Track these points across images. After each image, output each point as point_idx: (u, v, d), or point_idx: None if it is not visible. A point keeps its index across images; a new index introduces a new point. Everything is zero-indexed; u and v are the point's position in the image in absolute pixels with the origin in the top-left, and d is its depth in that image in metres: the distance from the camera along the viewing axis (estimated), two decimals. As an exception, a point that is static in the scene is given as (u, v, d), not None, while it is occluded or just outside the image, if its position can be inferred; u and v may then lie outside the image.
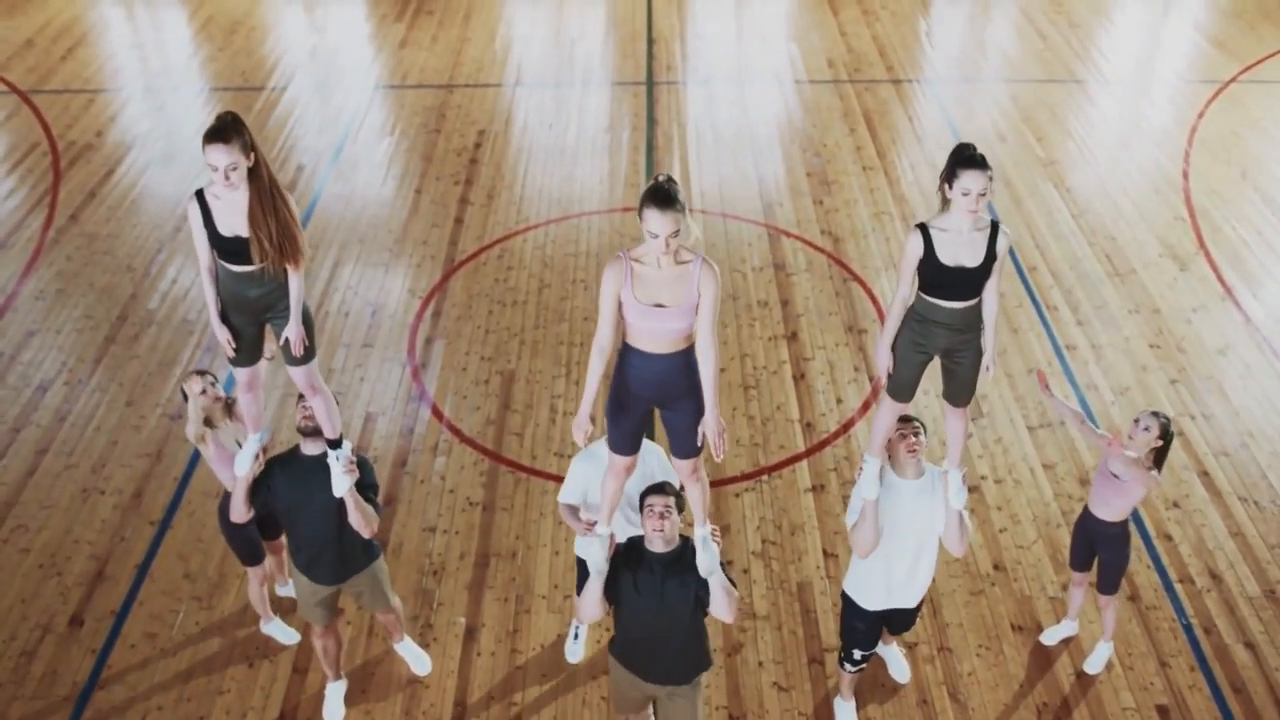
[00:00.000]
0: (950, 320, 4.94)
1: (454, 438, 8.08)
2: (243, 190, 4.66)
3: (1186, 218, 10.59)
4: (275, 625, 6.56)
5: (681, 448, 4.85)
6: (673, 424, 4.80)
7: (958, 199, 4.71)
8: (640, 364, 4.62)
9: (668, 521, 4.80)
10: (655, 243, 4.37)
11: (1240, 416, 8.24)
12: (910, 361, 5.11)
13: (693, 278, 4.47)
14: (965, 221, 4.77)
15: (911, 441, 5.32)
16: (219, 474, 5.99)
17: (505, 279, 9.74)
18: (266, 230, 4.68)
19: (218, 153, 4.52)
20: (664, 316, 4.48)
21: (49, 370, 8.72)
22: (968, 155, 4.68)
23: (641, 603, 4.92)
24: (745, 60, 13.97)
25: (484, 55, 14.08)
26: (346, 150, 11.85)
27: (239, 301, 4.96)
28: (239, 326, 5.04)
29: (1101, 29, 14.87)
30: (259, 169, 4.66)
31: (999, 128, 12.23)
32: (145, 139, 12.06)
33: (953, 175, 4.70)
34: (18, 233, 10.46)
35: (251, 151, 4.62)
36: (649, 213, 4.33)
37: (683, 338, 4.57)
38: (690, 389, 4.68)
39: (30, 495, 7.60)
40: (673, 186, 4.36)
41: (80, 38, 14.51)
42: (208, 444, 5.87)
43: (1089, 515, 6.13)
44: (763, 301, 9.44)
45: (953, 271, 4.80)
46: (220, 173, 4.56)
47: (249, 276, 4.86)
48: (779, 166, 11.49)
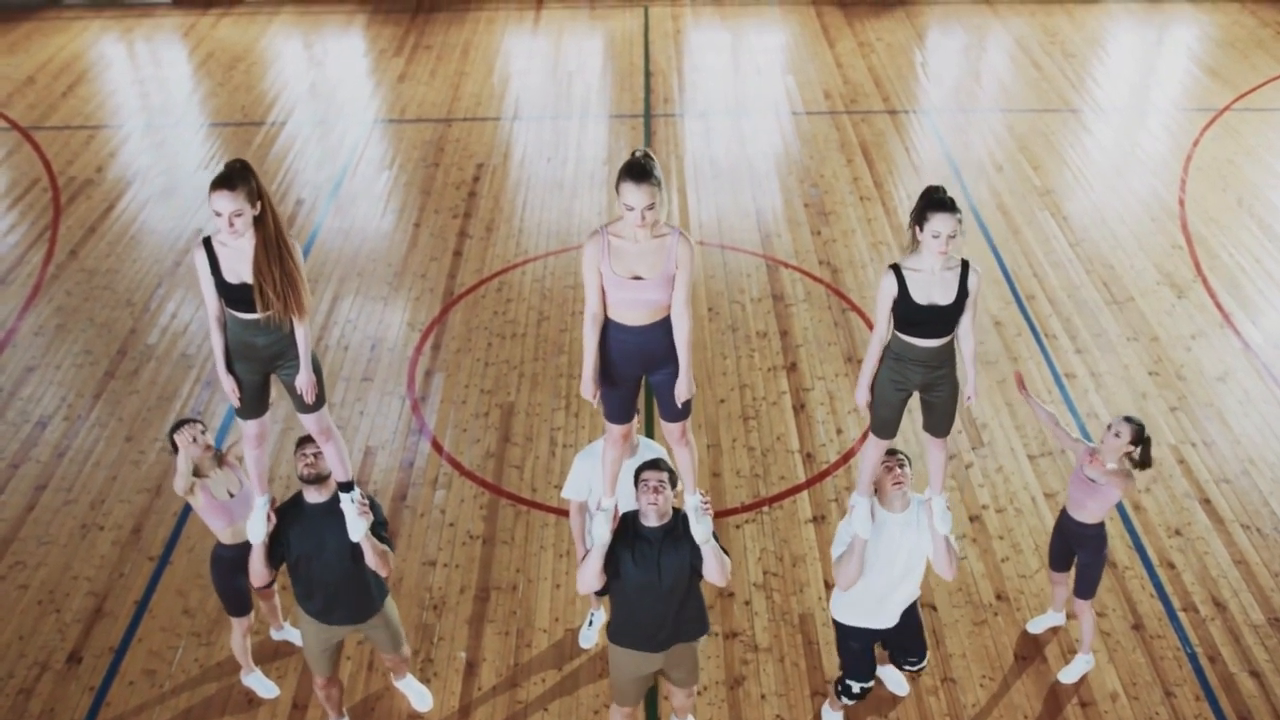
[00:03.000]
0: (926, 358, 5.06)
1: (454, 471, 8.06)
2: (249, 238, 4.69)
3: (1184, 245, 10.62)
4: (255, 678, 6.48)
5: (669, 411, 5.07)
6: (660, 389, 5.01)
7: (928, 241, 4.84)
8: (622, 336, 4.83)
9: (662, 495, 5.01)
10: (632, 215, 4.56)
11: (1241, 443, 8.23)
12: (890, 400, 5.22)
13: (670, 250, 4.67)
14: (936, 262, 4.89)
15: (897, 474, 5.40)
16: (210, 523, 5.93)
17: (504, 311, 9.76)
18: (271, 279, 4.71)
19: (223, 199, 4.56)
20: (641, 288, 4.68)
21: (48, 406, 8.71)
22: (937, 199, 4.81)
23: (640, 576, 5.10)
24: (742, 92, 14.05)
25: (482, 89, 14.16)
26: (345, 184, 11.89)
27: (247, 350, 4.97)
28: (245, 376, 5.06)
29: (1095, 58, 14.97)
30: (266, 218, 4.69)
31: (995, 157, 12.29)
32: (145, 174, 12.11)
33: (922, 218, 4.83)
34: (18, 268, 10.48)
35: (259, 200, 4.65)
36: (625, 186, 4.52)
37: (661, 308, 4.77)
38: (673, 354, 4.89)
39: (29, 531, 7.57)
40: (649, 161, 4.54)
41: (81, 75, 14.60)
42: (197, 495, 5.81)
43: (1066, 517, 6.26)
44: (762, 332, 9.45)
45: (926, 310, 4.92)
46: (225, 219, 4.59)
47: (257, 324, 4.88)
48: (777, 198, 11.54)
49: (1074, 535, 6.21)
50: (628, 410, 5.11)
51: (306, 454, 5.37)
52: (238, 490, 5.92)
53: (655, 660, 5.42)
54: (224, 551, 6.02)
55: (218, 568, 6.07)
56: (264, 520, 5.34)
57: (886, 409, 5.24)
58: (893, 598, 5.60)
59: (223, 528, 5.92)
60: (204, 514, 5.90)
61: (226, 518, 5.89)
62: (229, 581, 6.07)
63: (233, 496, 5.90)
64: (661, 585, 5.12)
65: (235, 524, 5.91)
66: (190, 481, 5.74)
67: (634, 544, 5.11)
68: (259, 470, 5.36)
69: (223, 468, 5.94)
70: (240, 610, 6.17)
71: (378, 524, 5.53)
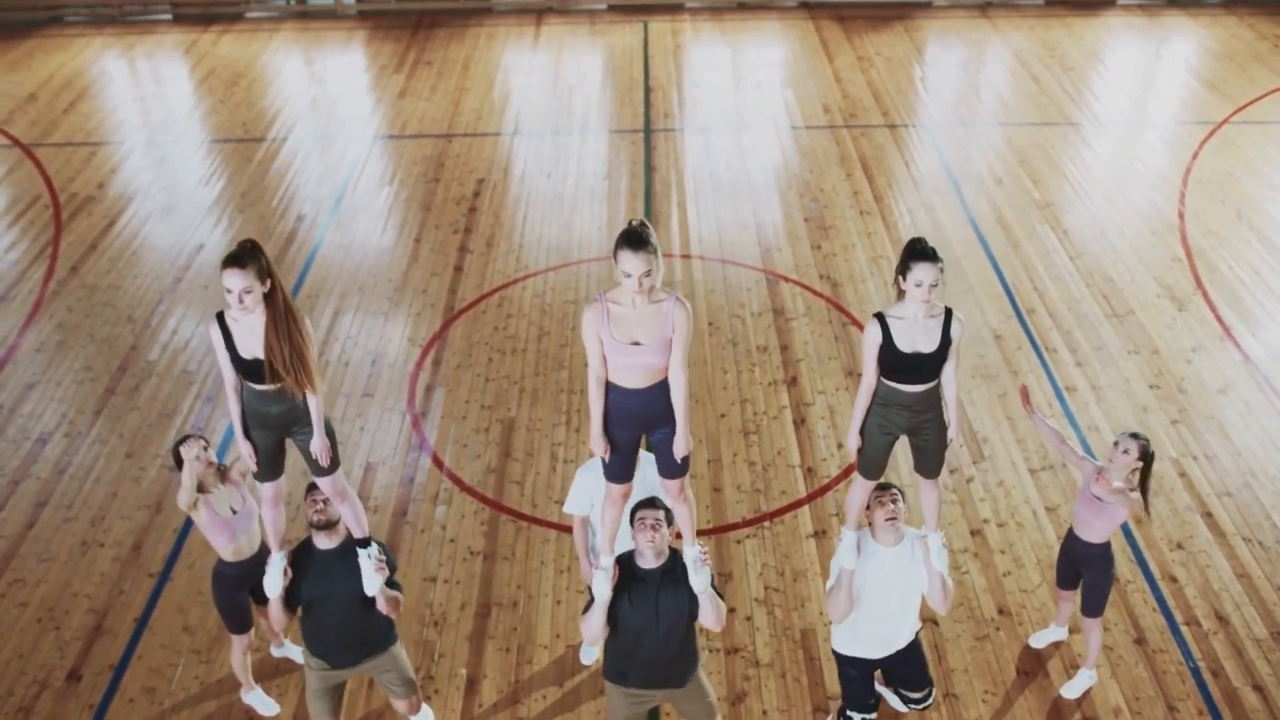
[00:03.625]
0: (911, 403, 5.19)
1: (454, 486, 8.06)
2: (259, 314, 4.84)
3: (1183, 258, 10.63)
4: (256, 695, 6.46)
5: (668, 468, 5.13)
6: (659, 446, 5.07)
7: (911, 290, 4.97)
8: (622, 399, 4.91)
9: (659, 534, 5.02)
10: (629, 282, 4.65)
11: (1242, 456, 8.22)
12: (877, 443, 5.36)
13: (667, 315, 4.77)
14: (920, 310, 5.02)
15: (890, 509, 5.38)
16: (212, 539, 5.93)
17: (505, 327, 9.76)
18: (280, 355, 4.86)
19: (234, 277, 4.72)
20: (640, 353, 4.77)
21: (49, 422, 8.71)
22: (919, 250, 4.96)
23: (638, 618, 5.11)
24: (742, 107, 14.08)
25: (482, 104, 14.20)
26: (346, 200, 11.92)
27: (262, 418, 5.12)
28: (261, 442, 5.20)
29: (1094, 72, 15.00)
30: (275, 295, 4.84)
31: (995, 171, 12.31)
32: (147, 191, 12.14)
33: (906, 268, 4.97)
34: (19, 285, 10.50)
35: (268, 278, 4.79)
36: (623, 254, 4.62)
37: (659, 371, 4.86)
38: (672, 414, 4.97)
39: (29, 549, 7.57)
40: (645, 230, 4.64)
41: (82, 92, 14.64)
42: (199, 510, 5.81)
43: (1072, 537, 6.25)
44: (762, 347, 9.46)
45: (910, 358, 5.04)
46: (235, 295, 4.75)
47: (270, 395, 5.03)
48: (777, 212, 11.55)
49: (1080, 556, 6.18)
50: (628, 470, 5.17)
51: (317, 500, 5.42)
52: (240, 506, 5.92)
53: (650, 698, 5.41)
54: (225, 568, 6.01)
55: (219, 584, 6.06)
56: (280, 575, 5.38)
57: (873, 451, 5.39)
58: (887, 629, 5.59)
59: (224, 544, 5.91)
60: (206, 530, 5.90)
61: (228, 534, 5.88)
62: (230, 598, 6.05)
63: (235, 513, 5.90)
64: (659, 628, 5.08)
65: (237, 540, 5.91)
66: (194, 496, 5.74)
67: (631, 585, 5.08)
68: (275, 529, 5.47)
69: (225, 484, 5.94)
70: (241, 627, 6.16)
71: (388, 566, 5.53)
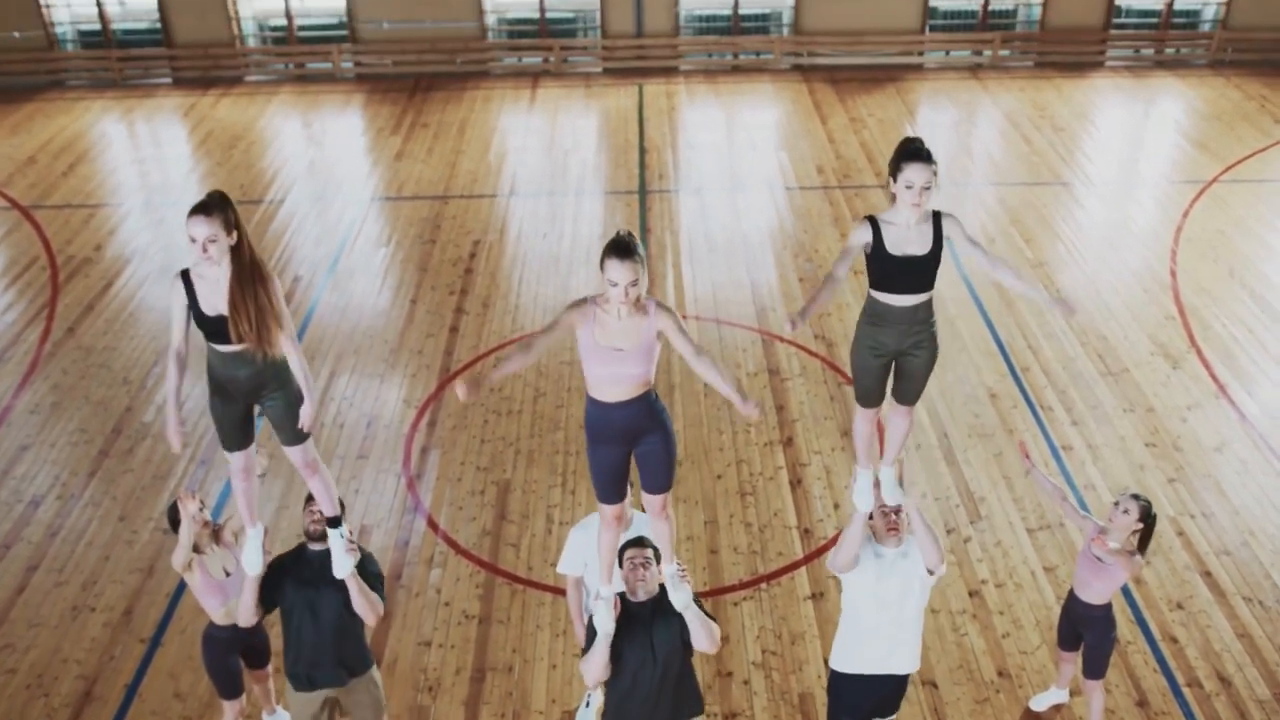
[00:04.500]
0: (902, 318, 4.97)
1: (449, 549, 8.00)
2: (224, 268, 4.70)
3: (1177, 316, 10.68)
4: None
5: (651, 482, 5.02)
6: (643, 459, 4.96)
7: (902, 192, 4.77)
8: (603, 413, 4.82)
9: (648, 572, 5.08)
10: (615, 291, 4.61)
11: (1240, 515, 8.19)
12: (869, 367, 5.14)
13: (649, 320, 4.70)
14: (911, 215, 4.82)
15: (893, 520, 5.44)
16: (203, 602, 5.88)
17: (500, 388, 9.76)
18: (245, 311, 4.70)
19: (198, 225, 4.59)
20: (622, 360, 4.69)
21: (42, 485, 8.67)
22: (912, 149, 4.74)
23: (634, 656, 5.09)
24: (736, 168, 14.21)
25: (478, 166, 14.32)
26: (343, 261, 11.97)
27: (229, 383, 4.90)
28: (226, 410, 4.98)
29: (1084, 133, 15.17)
30: (242, 248, 4.70)
31: (988, 230, 12.39)
32: (144, 252, 12.19)
33: (897, 169, 4.77)
34: (14, 346, 10.50)
35: (234, 230, 4.66)
36: (610, 263, 4.58)
37: (640, 383, 4.77)
38: (656, 425, 4.87)
39: (19, 614, 7.49)
40: (632, 240, 4.62)
41: (82, 154, 14.76)
42: (194, 571, 5.77)
43: (1073, 597, 6.19)
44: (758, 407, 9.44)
45: (901, 261, 4.84)
46: (199, 245, 4.60)
47: (238, 357, 4.83)
48: (771, 272, 11.61)
49: (1081, 617, 6.12)
50: (619, 489, 5.06)
51: (314, 511, 5.40)
52: (233, 568, 5.88)
53: None
54: (216, 632, 5.96)
55: (209, 648, 6.01)
56: (259, 551, 5.28)
57: (868, 377, 5.17)
58: (885, 638, 5.52)
59: (216, 606, 5.87)
60: (198, 592, 5.85)
61: (220, 596, 5.84)
62: (220, 662, 5.99)
63: (228, 575, 5.86)
64: (655, 662, 5.09)
65: (229, 603, 5.86)
66: (190, 556, 5.71)
67: (623, 622, 5.09)
68: (248, 502, 5.30)
69: (220, 545, 5.91)
70: (232, 693, 6.09)
71: (371, 574, 5.51)
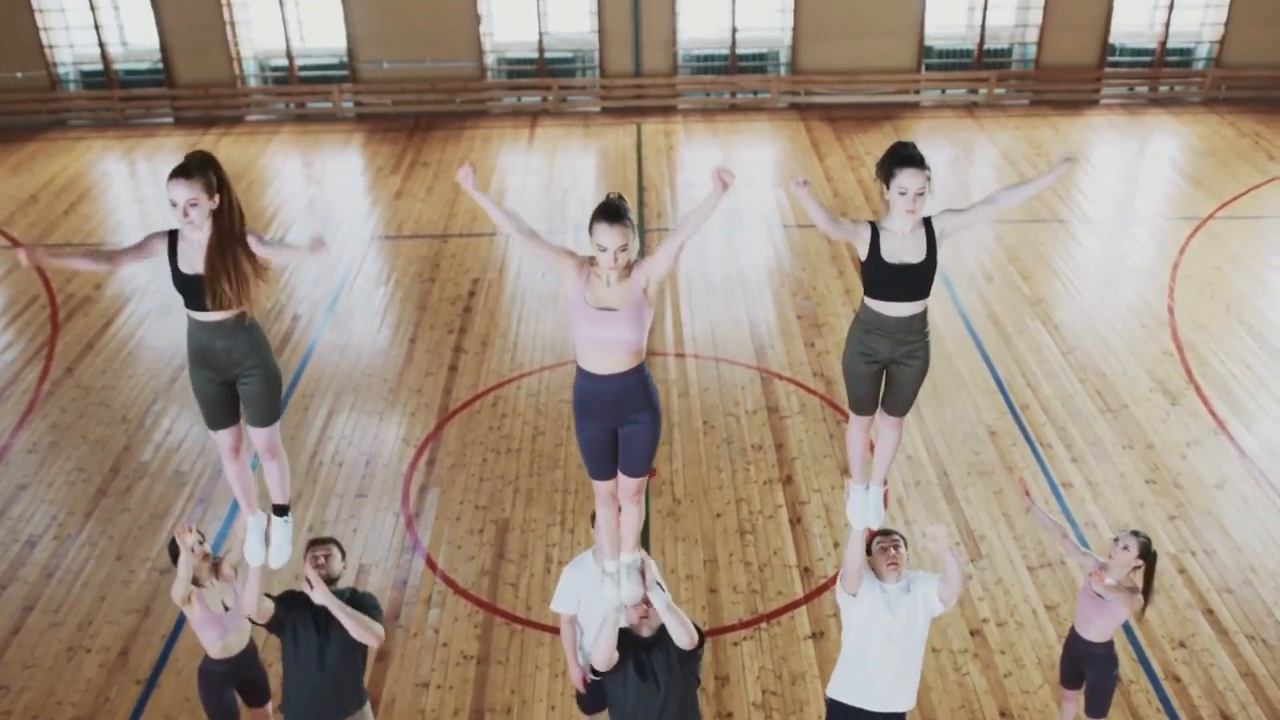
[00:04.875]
0: (896, 328, 4.90)
1: (448, 589, 7.97)
2: (205, 230, 4.65)
3: (1175, 352, 10.69)
4: None
5: (631, 465, 4.94)
6: (626, 439, 4.86)
7: (895, 198, 4.72)
8: (592, 385, 4.73)
9: (652, 609, 5.15)
10: (604, 257, 4.55)
11: (1242, 551, 8.16)
12: (861, 374, 5.08)
13: (635, 276, 4.62)
14: (905, 222, 4.77)
15: (892, 555, 5.44)
16: (201, 635, 5.86)
17: (499, 426, 9.75)
18: (222, 272, 4.64)
19: (178, 188, 4.55)
20: (613, 322, 4.59)
21: (38, 524, 8.64)
22: (905, 154, 4.69)
23: (634, 685, 5.13)
24: (734, 206, 14.27)
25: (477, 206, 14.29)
26: (342, 300, 11.99)
27: (206, 354, 4.84)
28: (205, 384, 4.91)
29: (1080, 170, 15.26)
30: (224, 211, 4.66)
31: (985, 267, 12.43)
32: (143, 291, 12.21)
33: (890, 175, 4.70)
34: (13, 385, 10.50)
35: (217, 193, 4.62)
36: (598, 227, 4.53)
37: (632, 352, 4.67)
38: (646, 404, 4.77)
39: (14, 655, 7.44)
40: (622, 203, 4.57)
41: (83, 193, 14.83)
42: (192, 604, 5.76)
43: (1075, 635, 6.15)
44: (757, 445, 9.44)
45: (896, 269, 4.77)
46: (180, 208, 4.56)
47: (217, 327, 4.78)
48: (770, 310, 11.64)
49: (1083, 655, 6.09)
50: (609, 465, 4.99)
51: (317, 555, 5.47)
52: (232, 603, 5.88)
53: None
54: (212, 665, 5.96)
55: (205, 682, 6.00)
56: (261, 539, 5.24)
57: (860, 384, 5.10)
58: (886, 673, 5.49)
59: (214, 640, 5.86)
60: (197, 625, 5.85)
61: (218, 630, 5.84)
62: (216, 697, 5.98)
63: (227, 609, 5.86)
64: (659, 691, 5.11)
65: (226, 637, 5.86)
66: (189, 589, 5.69)
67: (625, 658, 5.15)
68: (244, 486, 5.23)
69: (219, 579, 5.90)
70: None
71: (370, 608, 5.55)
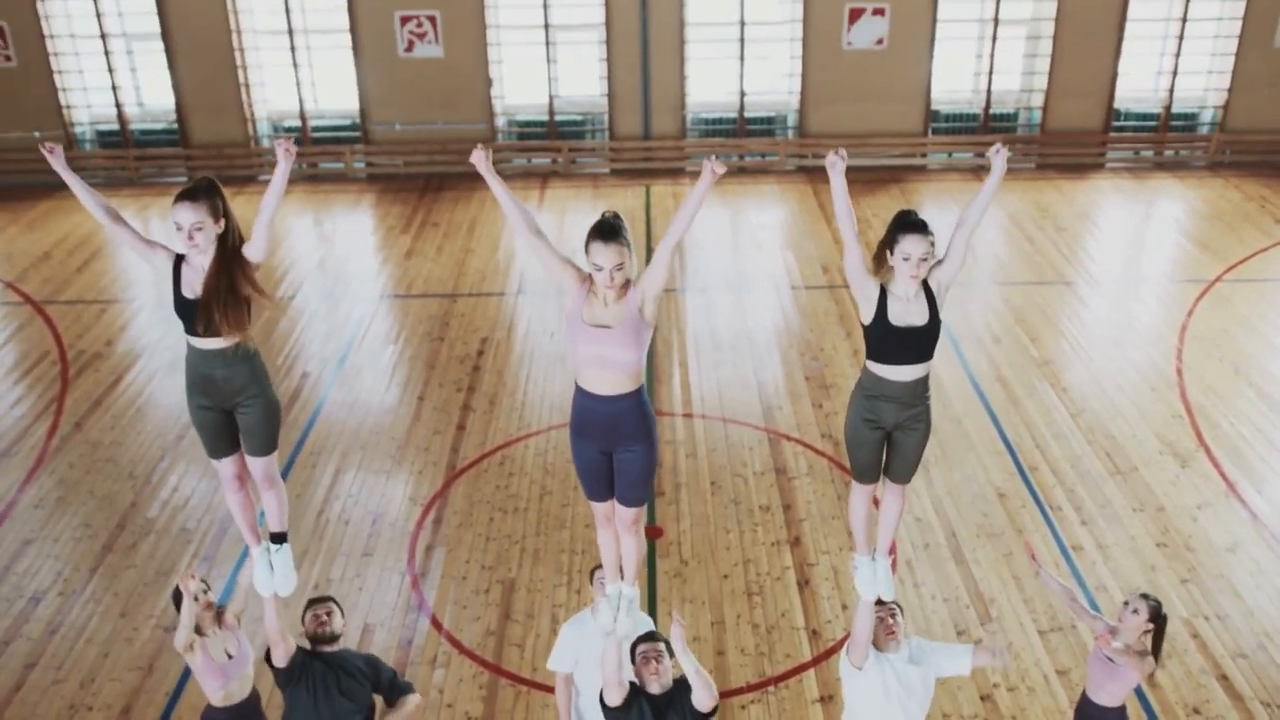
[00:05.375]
0: (899, 394, 4.88)
1: (453, 649, 7.90)
2: (209, 255, 4.69)
3: (1184, 414, 10.66)
4: None
5: (627, 495, 4.90)
6: (621, 468, 4.83)
7: (899, 264, 4.75)
8: (590, 405, 4.71)
9: (661, 664, 5.16)
10: (600, 276, 4.53)
11: (1255, 616, 8.08)
12: (865, 440, 5.05)
13: (631, 296, 4.61)
14: (909, 288, 4.79)
15: (890, 624, 5.49)
16: (204, 684, 5.84)
17: (507, 486, 9.73)
18: (218, 296, 4.66)
19: (184, 211, 4.60)
20: (609, 340, 4.56)
21: (43, 580, 8.60)
22: (909, 221, 4.73)
23: None
24: (742, 268, 14.35)
25: (487, 265, 14.48)
26: (351, 358, 12.04)
27: (205, 383, 4.84)
28: (204, 414, 4.92)
29: (1087, 233, 15.34)
30: (228, 238, 4.70)
31: (993, 329, 12.45)
32: (154, 348, 12.28)
33: (893, 241, 4.74)
34: (22, 440, 10.52)
35: (222, 218, 4.67)
36: (594, 246, 4.52)
37: (629, 374, 4.64)
38: (641, 432, 4.73)
39: (15, 712, 7.37)
40: (618, 221, 4.58)
41: (96, 250, 14.96)
42: (195, 653, 5.75)
43: (1086, 699, 6.06)
44: (765, 506, 9.40)
45: (901, 333, 4.78)
46: (185, 231, 4.61)
47: (216, 355, 4.78)
48: (778, 371, 11.65)
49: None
50: (603, 488, 4.95)
51: (319, 614, 5.50)
52: (235, 651, 5.88)
53: None
54: (214, 714, 5.93)
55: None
56: (268, 571, 5.24)
57: (863, 451, 5.08)
58: None
59: (216, 689, 5.84)
60: (199, 674, 5.83)
61: (221, 679, 5.82)
62: None
63: (230, 658, 5.85)
64: None
65: (228, 686, 5.85)
66: (191, 637, 5.68)
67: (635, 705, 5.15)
68: (246, 519, 5.23)
69: (222, 628, 5.89)
70: None
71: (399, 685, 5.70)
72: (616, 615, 5.08)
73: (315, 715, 5.46)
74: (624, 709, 5.14)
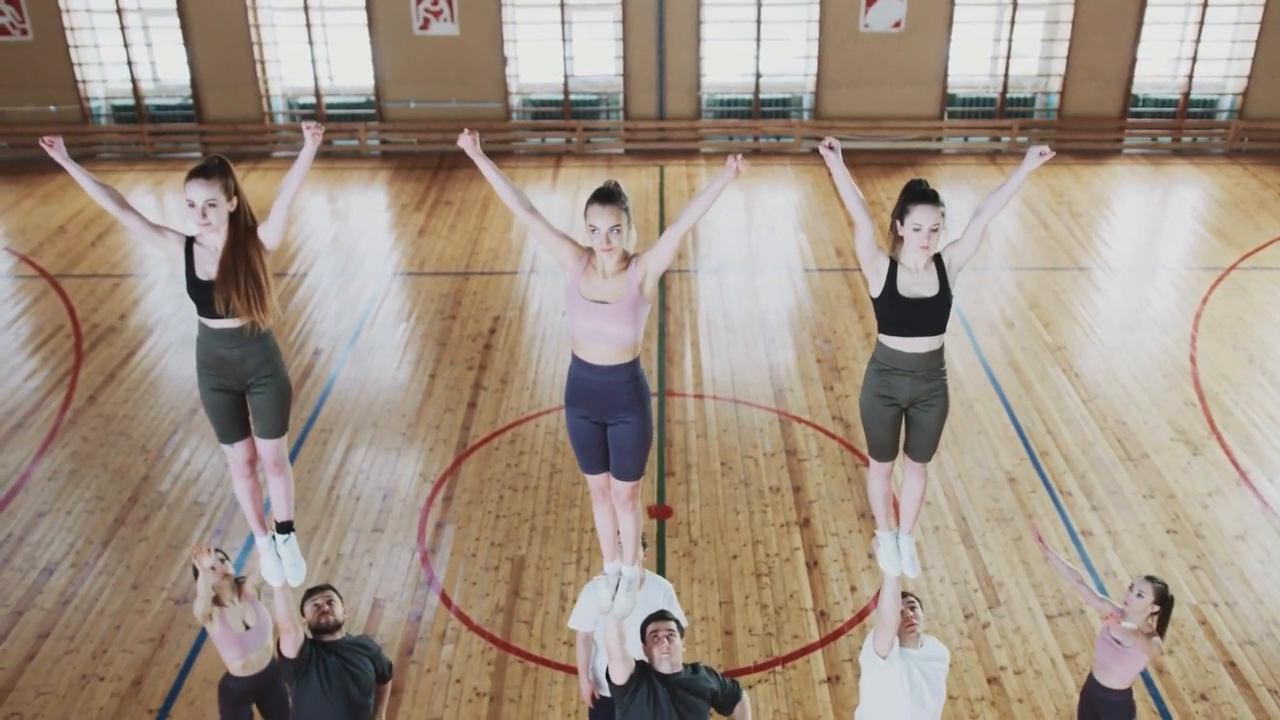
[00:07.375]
0: (913, 366, 4.83)
1: (462, 625, 7.94)
2: (222, 234, 4.67)
3: (1197, 402, 10.62)
4: None
5: (622, 468, 4.88)
6: (615, 440, 4.81)
7: (909, 235, 4.72)
8: (585, 374, 4.71)
9: (673, 644, 5.14)
10: (596, 237, 4.54)
11: (1264, 604, 8.06)
12: (880, 418, 5.00)
13: (632, 271, 4.61)
14: (919, 259, 4.76)
15: (909, 616, 5.45)
16: (222, 653, 5.92)
17: (517, 464, 9.75)
18: (235, 277, 4.63)
19: (197, 188, 4.56)
20: (606, 315, 4.58)
21: (56, 552, 8.67)
22: (919, 190, 4.71)
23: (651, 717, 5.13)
24: (755, 249, 14.32)
25: (500, 244, 14.47)
26: (363, 335, 12.06)
27: (218, 363, 4.81)
28: (216, 395, 4.89)
29: (1102, 218, 15.26)
30: (240, 216, 4.68)
31: (1006, 314, 12.41)
32: (167, 323, 12.32)
33: (904, 211, 4.72)
34: (36, 413, 10.58)
35: (234, 196, 4.64)
36: (591, 208, 4.55)
37: (625, 348, 4.65)
38: (634, 403, 4.72)
39: (27, 681, 7.44)
40: (617, 187, 4.61)
41: (110, 225, 14.99)
42: (214, 622, 5.81)
43: (1093, 682, 6.09)
44: (774, 487, 9.41)
45: (910, 304, 4.74)
46: (198, 209, 4.58)
47: (229, 335, 4.75)
48: (789, 353, 11.64)
49: (1100, 702, 6.03)
50: (596, 459, 4.94)
51: (320, 604, 5.50)
52: (254, 622, 5.93)
53: None
54: (232, 682, 6.01)
55: (224, 698, 6.06)
56: (276, 561, 5.23)
57: (880, 428, 5.03)
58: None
59: (235, 658, 5.91)
60: (218, 643, 5.90)
61: (240, 649, 5.89)
62: (234, 713, 6.02)
63: (248, 629, 5.92)
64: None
65: (247, 655, 5.92)
66: (210, 608, 5.72)
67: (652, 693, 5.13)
68: (254, 505, 5.21)
69: (241, 599, 5.93)
70: None
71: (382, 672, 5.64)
72: (615, 594, 5.06)
73: (329, 705, 5.45)
74: (631, 687, 5.12)
